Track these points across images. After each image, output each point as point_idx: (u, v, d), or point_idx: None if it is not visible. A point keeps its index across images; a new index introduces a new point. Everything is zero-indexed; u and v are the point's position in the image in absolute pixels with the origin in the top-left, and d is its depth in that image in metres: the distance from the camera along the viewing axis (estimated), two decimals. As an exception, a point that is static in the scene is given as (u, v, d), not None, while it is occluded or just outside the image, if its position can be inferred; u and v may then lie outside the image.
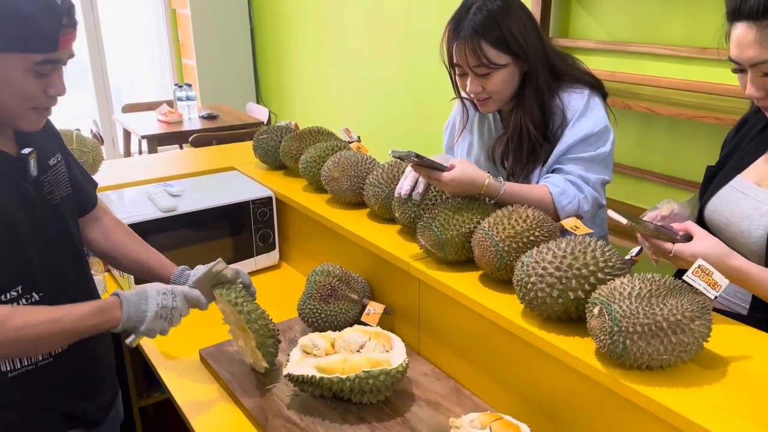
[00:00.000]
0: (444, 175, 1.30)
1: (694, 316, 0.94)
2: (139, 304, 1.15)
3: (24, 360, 1.14)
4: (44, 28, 1.00)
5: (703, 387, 0.95)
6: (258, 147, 2.04)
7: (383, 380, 1.21)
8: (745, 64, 1.08)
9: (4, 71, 1.00)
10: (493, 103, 1.47)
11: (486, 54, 1.38)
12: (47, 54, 1.02)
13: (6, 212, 1.08)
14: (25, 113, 1.07)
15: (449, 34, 1.44)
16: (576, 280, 1.05)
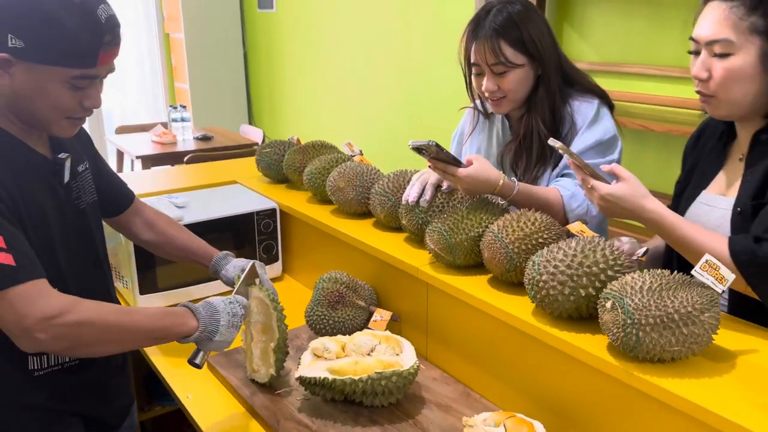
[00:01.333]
0: (460, 170, 1.32)
1: (704, 308, 0.97)
2: (212, 314, 1.15)
3: (51, 359, 1.15)
4: (85, 45, 1.02)
5: (713, 378, 0.97)
6: (261, 161, 2.06)
7: (395, 381, 1.22)
8: (702, 41, 1.12)
9: (41, 81, 1.03)
10: (507, 103, 1.51)
11: (504, 53, 1.44)
12: (85, 69, 1.04)
13: (42, 210, 1.10)
14: (58, 121, 1.09)
15: (468, 35, 1.50)
16: (587, 277, 1.08)
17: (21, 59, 1.00)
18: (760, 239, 1.05)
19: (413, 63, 3.81)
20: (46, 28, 0.99)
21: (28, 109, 1.06)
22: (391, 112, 4.06)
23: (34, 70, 1.01)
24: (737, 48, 1.09)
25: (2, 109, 1.08)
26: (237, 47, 5.54)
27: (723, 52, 1.10)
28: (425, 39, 3.69)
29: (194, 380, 1.43)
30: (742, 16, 1.09)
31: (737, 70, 1.10)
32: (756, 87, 1.11)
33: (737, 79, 1.10)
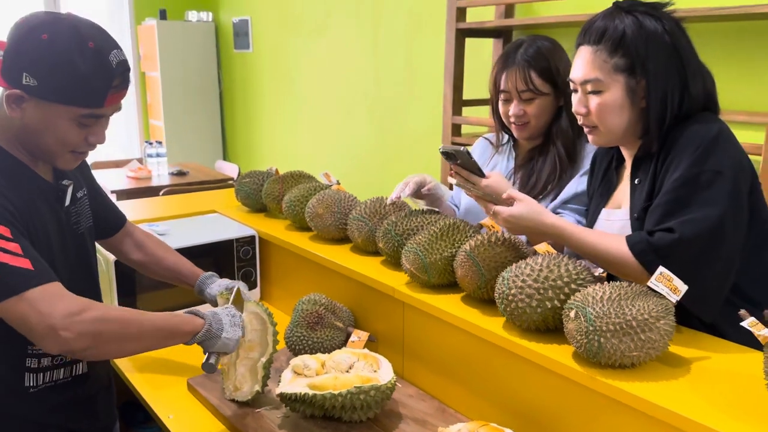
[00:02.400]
0: (482, 180, 1.42)
1: (660, 316, 1.05)
2: (214, 315, 1.21)
3: (47, 377, 1.18)
4: (95, 87, 1.08)
5: (671, 381, 1.04)
6: (240, 190, 2.12)
7: (373, 395, 1.27)
8: (577, 81, 1.27)
9: (50, 117, 1.09)
10: (529, 128, 1.64)
11: (533, 81, 1.59)
12: (93, 109, 1.10)
13: (46, 231, 1.15)
14: (62, 155, 1.15)
15: (500, 66, 1.65)
16: (552, 290, 1.15)
17: (33, 96, 1.06)
18: (652, 232, 1.17)
19: (383, 101, 3.95)
20: (60, 70, 1.05)
21: (36, 142, 1.12)
22: (362, 147, 4.17)
23: (44, 107, 1.07)
24: (606, 86, 1.24)
25: (11, 139, 1.14)
26: (213, 86, 5.64)
27: (595, 89, 1.25)
28: (395, 78, 3.84)
29: (175, 401, 1.45)
30: (606, 59, 1.24)
31: (609, 104, 1.25)
32: (626, 116, 1.26)
33: (609, 112, 1.25)
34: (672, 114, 1.22)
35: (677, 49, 1.22)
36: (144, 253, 1.49)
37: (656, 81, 1.21)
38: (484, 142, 1.88)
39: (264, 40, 5.05)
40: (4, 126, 1.13)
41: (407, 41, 3.72)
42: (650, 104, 1.23)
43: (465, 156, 1.40)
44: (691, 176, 1.16)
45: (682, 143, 1.19)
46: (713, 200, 1.14)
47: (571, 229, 1.24)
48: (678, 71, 1.22)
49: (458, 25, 2.93)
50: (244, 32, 5.24)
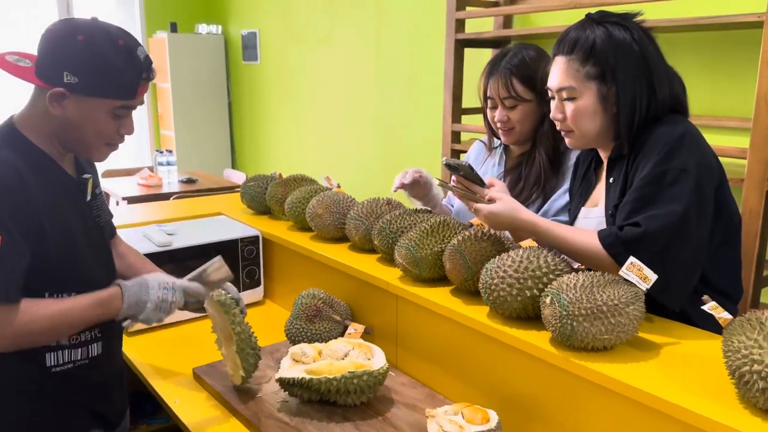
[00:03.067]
0: (485, 190, 1.47)
1: (629, 302, 1.13)
2: (140, 295, 1.26)
3: (66, 357, 1.28)
4: (128, 81, 1.20)
5: (640, 363, 1.12)
6: (245, 193, 2.22)
7: (366, 380, 1.35)
8: (554, 89, 1.36)
9: (89, 111, 1.19)
10: (515, 134, 1.72)
11: (515, 88, 1.66)
12: (126, 101, 1.21)
13: (67, 223, 1.25)
14: (99, 147, 1.26)
15: (486, 73, 1.73)
16: (531, 280, 1.24)
17: (74, 93, 1.17)
18: (621, 227, 1.25)
19: (385, 109, 4.05)
20: (97, 67, 1.16)
21: (74, 136, 1.22)
22: (366, 154, 4.27)
23: (84, 101, 1.18)
24: (579, 93, 1.33)
25: (48, 134, 1.23)
26: (222, 97, 5.77)
27: (569, 96, 1.34)
28: (397, 87, 3.94)
29: (181, 388, 1.54)
30: (578, 68, 1.33)
31: (582, 109, 1.33)
32: (599, 121, 1.34)
33: (583, 116, 1.34)
34: (641, 117, 1.31)
35: (645, 57, 1.30)
36: (124, 263, 1.54)
37: (625, 88, 1.30)
38: (480, 145, 1.96)
39: (271, 52, 5.18)
40: (39, 122, 1.22)
41: (409, 52, 3.83)
42: (620, 110, 1.31)
43: (467, 169, 1.47)
44: (657, 174, 1.24)
45: (650, 144, 1.28)
46: (677, 197, 1.22)
47: (545, 225, 1.32)
48: (646, 77, 1.30)
49: (457, 35, 3.03)
50: (252, 44, 5.38)
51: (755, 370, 0.93)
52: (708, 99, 1.39)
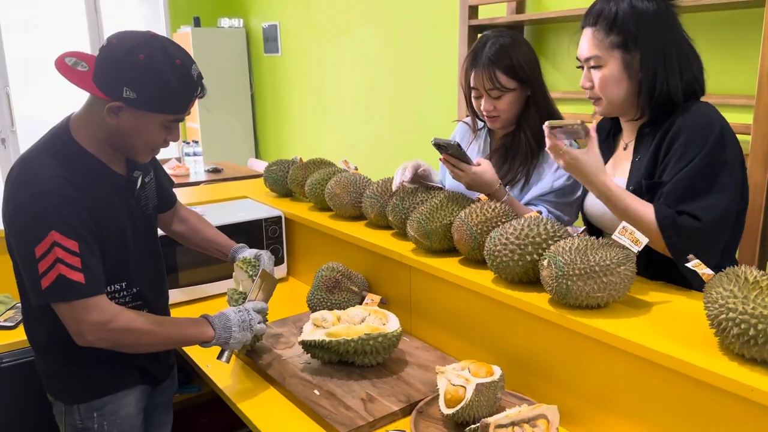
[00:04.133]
0: (471, 168, 1.60)
1: (620, 263, 1.22)
2: (224, 322, 1.42)
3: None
4: (182, 98, 1.29)
5: (632, 318, 1.22)
6: (268, 177, 2.34)
7: (381, 341, 1.47)
8: (582, 58, 1.45)
9: (143, 123, 1.29)
10: (501, 121, 1.79)
11: (499, 79, 1.72)
12: (178, 115, 1.31)
13: (120, 221, 1.38)
14: (145, 152, 1.37)
15: (468, 64, 1.78)
16: (532, 245, 1.34)
17: (131, 106, 1.25)
18: (680, 212, 1.31)
19: (403, 97, 4.15)
20: (155, 85, 1.24)
21: (125, 143, 1.33)
22: (384, 141, 4.38)
23: (140, 115, 1.27)
24: (604, 61, 1.41)
25: (99, 139, 1.33)
26: (244, 88, 5.92)
27: (596, 65, 1.43)
28: (413, 75, 4.03)
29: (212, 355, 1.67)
30: (603, 38, 1.41)
31: (608, 77, 1.41)
32: (625, 87, 1.42)
33: (610, 83, 1.42)
34: (663, 87, 1.37)
35: (667, 29, 1.37)
36: (186, 226, 1.73)
37: (647, 54, 1.37)
38: (464, 126, 2.02)
39: (292, 44, 5.30)
40: (93, 128, 1.32)
41: (424, 40, 3.92)
42: (643, 75, 1.38)
43: (455, 148, 1.59)
44: (706, 164, 1.30)
45: (687, 131, 1.33)
46: (725, 188, 1.31)
47: (617, 190, 1.35)
48: (668, 48, 1.37)
49: (471, 22, 3.10)
50: (273, 37, 5.50)
51: (730, 318, 1.02)
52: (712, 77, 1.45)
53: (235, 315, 1.44)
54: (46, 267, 1.23)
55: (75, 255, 1.24)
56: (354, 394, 1.41)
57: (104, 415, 1.44)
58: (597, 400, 1.24)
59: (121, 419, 1.46)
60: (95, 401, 1.43)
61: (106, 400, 1.44)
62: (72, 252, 1.24)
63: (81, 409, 1.43)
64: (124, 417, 1.46)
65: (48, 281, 1.23)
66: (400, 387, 1.44)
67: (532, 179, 1.75)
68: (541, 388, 1.36)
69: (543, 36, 3.13)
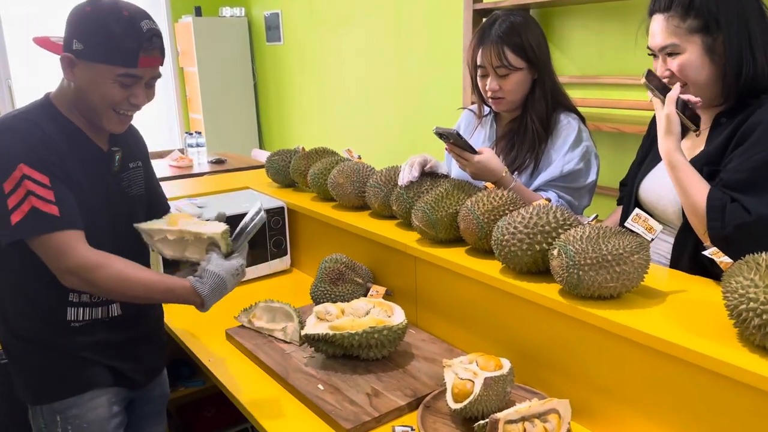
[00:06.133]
0: (475, 156, 1.56)
1: (634, 251, 1.17)
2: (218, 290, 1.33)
3: (86, 314, 1.37)
4: (127, 48, 1.26)
5: (645, 309, 1.17)
6: (270, 167, 2.30)
7: (386, 335, 1.43)
8: (656, 48, 1.37)
9: (95, 77, 1.28)
10: (506, 103, 1.74)
11: (507, 57, 1.67)
12: (128, 69, 1.27)
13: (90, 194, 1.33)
14: (107, 112, 1.32)
15: (476, 41, 1.73)
16: (541, 234, 1.29)
17: (81, 59, 1.27)
18: (732, 199, 1.24)
19: (406, 84, 4.09)
20: (98, 33, 1.25)
21: (85, 102, 1.32)
22: (388, 129, 4.32)
23: (90, 67, 1.27)
24: (683, 48, 1.33)
25: (70, 105, 1.34)
26: (247, 78, 5.87)
27: (673, 52, 1.35)
28: (417, 61, 3.97)
29: (214, 348, 1.64)
30: (679, 23, 1.33)
31: (688, 63, 1.33)
32: (707, 72, 1.33)
33: (691, 69, 1.34)
34: (749, 70, 1.29)
35: (750, 4, 1.29)
36: None
37: (730, 35, 1.29)
38: (469, 114, 1.97)
39: (294, 33, 5.24)
40: (65, 95, 1.34)
41: (428, 25, 3.85)
42: (728, 58, 1.30)
43: (455, 137, 1.55)
44: None
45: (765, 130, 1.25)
46: None
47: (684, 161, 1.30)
48: (752, 25, 1.29)
49: (475, 6, 3.04)
50: (275, 26, 5.44)
51: (751, 308, 0.98)
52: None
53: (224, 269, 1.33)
54: (17, 201, 1.19)
55: (47, 188, 1.22)
56: (359, 388, 1.38)
57: (68, 418, 1.37)
58: (610, 394, 1.20)
59: (89, 423, 1.38)
60: (57, 403, 1.36)
61: (70, 402, 1.36)
62: (43, 185, 1.21)
63: (44, 410, 1.37)
64: (92, 421, 1.38)
65: (19, 215, 1.19)
66: (407, 381, 1.40)
67: (542, 164, 1.71)
68: (551, 382, 1.31)
69: (549, 20, 3.06)
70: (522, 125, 1.75)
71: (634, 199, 1.52)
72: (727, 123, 1.35)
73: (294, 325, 1.59)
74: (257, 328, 1.66)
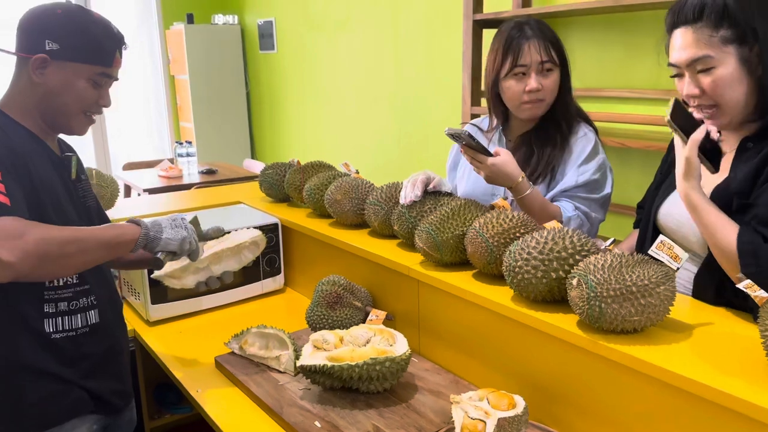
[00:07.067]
0: (489, 159, 1.49)
1: (659, 282, 1.08)
2: (154, 220, 1.30)
3: (65, 325, 1.30)
4: (106, 48, 1.31)
5: (671, 344, 1.08)
6: (264, 181, 2.20)
7: (389, 366, 1.33)
8: (683, 64, 1.25)
9: (70, 77, 1.27)
10: (544, 106, 1.66)
11: (551, 52, 1.62)
12: (104, 68, 1.31)
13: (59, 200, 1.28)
14: (78, 115, 1.31)
15: (514, 42, 1.62)
16: (557, 261, 1.20)
17: (56, 59, 1.25)
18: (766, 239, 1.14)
19: (404, 94, 4.01)
20: (77, 34, 1.27)
21: (55, 104, 1.28)
22: (385, 140, 4.23)
23: (65, 67, 1.26)
24: (717, 61, 1.21)
25: (30, 109, 1.29)
26: (240, 87, 5.77)
27: (705, 67, 1.21)
28: (415, 70, 3.89)
29: (202, 376, 1.54)
30: (711, 33, 1.21)
31: (724, 78, 1.21)
32: (744, 87, 1.22)
33: (727, 85, 1.21)
34: None
35: None
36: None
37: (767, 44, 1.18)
38: (473, 129, 1.87)
39: (288, 41, 5.15)
40: (22, 98, 1.29)
41: (426, 34, 3.77)
42: (765, 69, 1.19)
43: (467, 138, 1.47)
44: None
45: None
46: None
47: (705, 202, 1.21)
48: None
49: (475, 16, 2.97)
50: (268, 33, 5.35)
51: (796, 350, 0.89)
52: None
53: (164, 218, 1.33)
54: None
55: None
56: (359, 425, 1.28)
57: None
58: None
59: None
60: None
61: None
62: None
63: None
64: None
65: None
66: (411, 417, 1.30)
67: (558, 176, 1.65)
68: (567, 420, 1.22)
69: (551, 30, 2.99)
70: (540, 136, 1.68)
71: (652, 224, 1.43)
72: (755, 148, 1.26)
73: (289, 353, 1.49)
74: (249, 355, 1.55)
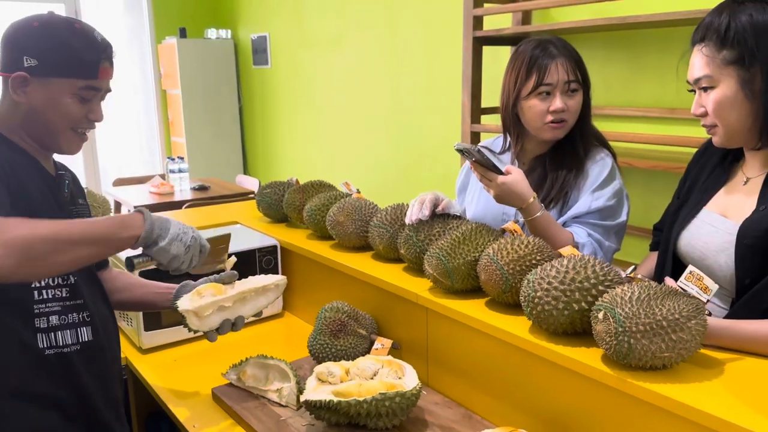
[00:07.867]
0: (500, 177, 1.43)
1: (690, 316, 1.02)
2: (162, 221, 1.21)
3: (59, 341, 1.23)
4: (88, 59, 1.22)
5: (703, 382, 1.02)
6: (261, 201, 2.13)
7: (399, 402, 1.26)
8: (692, 81, 1.26)
9: (53, 93, 1.20)
10: (566, 127, 1.60)
11: (576, 72, 1.57)
12: (89, 81, 1.22)
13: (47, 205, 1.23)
14: (65, 132, 1.24)
15: (538, 61, 1.56)
16: (579, 292, 1.13)
17: (36, 76, 1.19)
18: None
19: (401, 110, 3.96)
20: (56, 47, 1.19)
21: (41, 122, 1.22)
22: (382, 157, 4.18)
23: (47, 84, 1.19)
24: (717, 81, 1.20)
25: (16, 128, 1.24)
26: (233, 102, 5.70)
27: (707, 86, 1.22)
28: (412, 87, 3.85)
29: (199, 411, 1.45)
30: (714, 54, 1.20)
31: (723, 98, 1.20)
32: (745, 110, 1.20)
33: (726, 106, 1.21)
34: None
35: None
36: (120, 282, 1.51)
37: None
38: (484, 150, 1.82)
39: (282, 56, 5.11)
40: (7, 118, 1.23)
41: (424, 51, 3.73)
42: (765, 95, 1.18)
43: (476, 154, 1.42)
44: None
45: None
46: None
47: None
48: None
49: (475, 33, 2.92)
50: (262, 48, 5.30)
51: None
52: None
53: (178, 223, 1.25)
54: None
55: None
56: (368, 466, 1.20)
57: None
58: (662, 480, 1.04)
59: None
60: None
61: None
62: None
63: None
64: None
65: None
66: (422, 456, 1.23)
67: (571, 201, 1.59)
68: (589, 460, 1.15)
69: (552, 48, 2.95)
70: (558, 156, 1.62)
71: (672, 251, 1.37)
72: None
73: (291, 386, 1.41)
74: (248, 387, 1.47)
